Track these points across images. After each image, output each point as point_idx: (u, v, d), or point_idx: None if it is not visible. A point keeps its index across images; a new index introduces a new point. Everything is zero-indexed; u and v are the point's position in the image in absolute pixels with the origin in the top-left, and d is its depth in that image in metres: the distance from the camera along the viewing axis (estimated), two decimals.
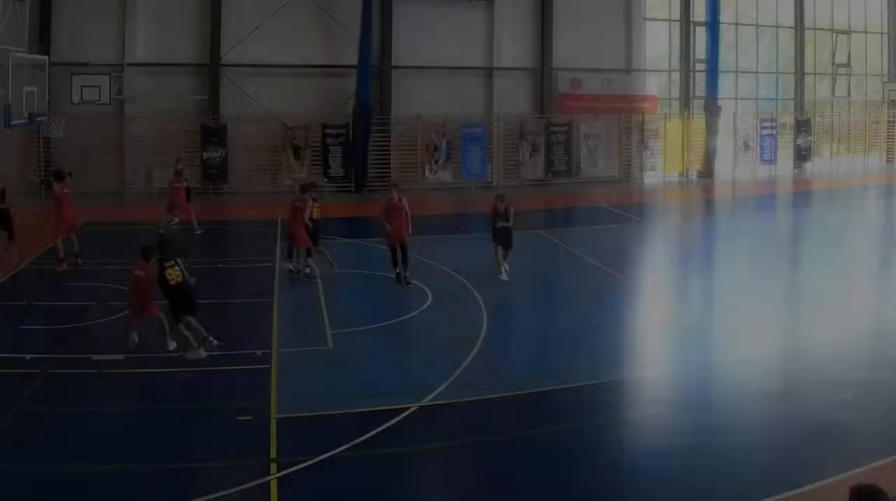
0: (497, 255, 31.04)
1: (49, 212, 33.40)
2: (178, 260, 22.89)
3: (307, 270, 30.93)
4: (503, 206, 31.08)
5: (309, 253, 31.00)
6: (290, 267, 31.69)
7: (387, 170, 56.25)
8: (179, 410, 19.68)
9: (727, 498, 15.27)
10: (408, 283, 30.00)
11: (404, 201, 30.79)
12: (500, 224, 30.96)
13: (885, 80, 72.56)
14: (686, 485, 15.59)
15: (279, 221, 37.71)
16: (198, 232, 39.07)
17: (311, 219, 31.27)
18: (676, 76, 65.96)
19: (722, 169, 64.32)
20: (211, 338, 22.56)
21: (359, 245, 35.84)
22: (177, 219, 36.90)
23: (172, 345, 22.70)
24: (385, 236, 30.94)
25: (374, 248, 32.92)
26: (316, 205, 31.82)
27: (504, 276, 30.70)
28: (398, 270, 30.40)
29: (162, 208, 37.80)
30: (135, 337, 23.21)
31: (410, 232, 30.72)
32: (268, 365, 21.53)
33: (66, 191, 33.01)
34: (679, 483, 15.67)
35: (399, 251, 30.34)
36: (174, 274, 22.38)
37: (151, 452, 16.93)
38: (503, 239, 31.05)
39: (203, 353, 22.19)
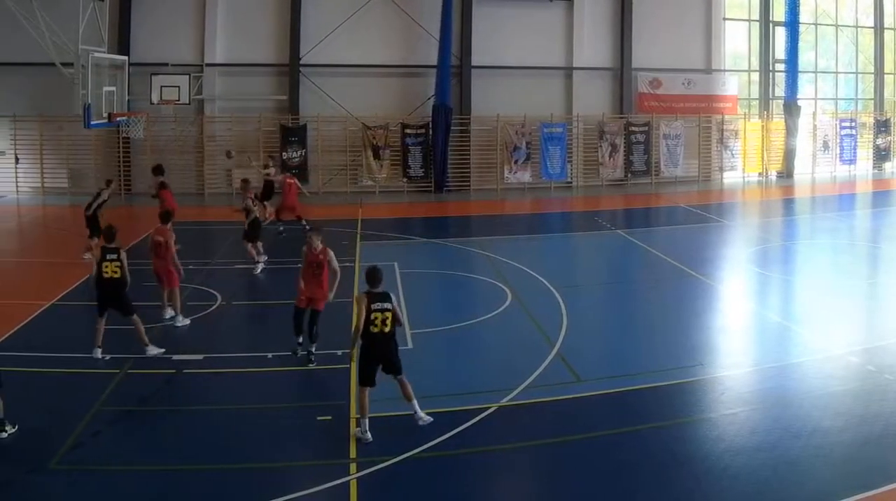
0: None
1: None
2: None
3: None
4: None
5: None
6: None
7: (466, 171, 54.48)
8: (259, 410, 18.79)
9: (803, 498, 14.67)
10: (311, 361, 21.47)
11: (329, 253, 21.81)
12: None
13: None
14: (763, 484, 14.97)
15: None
16: (281, 230, 37.25)
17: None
18: (756, 76, 62.65)
19: (801, 169, 61.62)
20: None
21: (438, 244, 33.68)
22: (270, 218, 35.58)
23: (175, 319, 24.09)
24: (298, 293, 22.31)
25: (452, 248, 31.52)
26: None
27: None
28: (300, 341, 21.96)
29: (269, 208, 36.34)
30: (170, 313, 24.41)
31: (331, 295, 21.86)
32: (348, 366, 20.00)
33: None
34: (756, 482, 15.04)
35: (308, 316, 21.78)
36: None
37: (230, 452, 16.49)
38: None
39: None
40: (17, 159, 50.58)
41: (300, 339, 21.94)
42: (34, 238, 40.83)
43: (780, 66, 61.32)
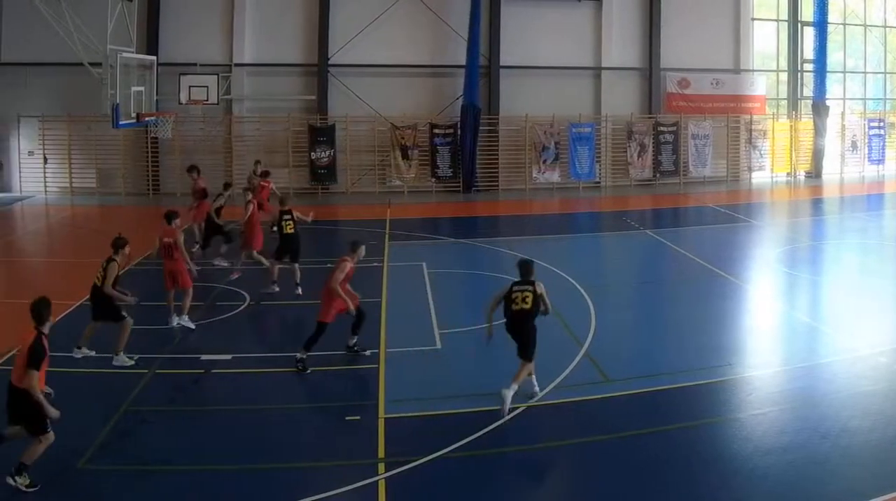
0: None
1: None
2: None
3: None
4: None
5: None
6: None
7: (495, 171, 53.54)
8: (287, 410, 18.71)
9: (831, 498, 14.48)
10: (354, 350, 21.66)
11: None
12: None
13: None
14: (791, 484, 14.80)
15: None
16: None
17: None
18: (784, 76, 61.28)
19: (829, 169, 60.20)
20: None
21: (466, 245, 33.04)
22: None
23: (182, 318, 23.53)
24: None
25: (481, 248, 31.02)
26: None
27: None
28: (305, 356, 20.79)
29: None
30: (183, 319, 23.52)
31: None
32: (376, 365, 20.72)
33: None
34: (784, 483, 14.87)
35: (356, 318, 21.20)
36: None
37: (258, 452, 16.24)
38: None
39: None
40: (45, 159, 50.07)
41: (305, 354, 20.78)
42: (63, 238, 40.43)
43: (809, 66, 59.96)
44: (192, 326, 23.70)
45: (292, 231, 27.48)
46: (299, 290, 27.07)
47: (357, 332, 21.42)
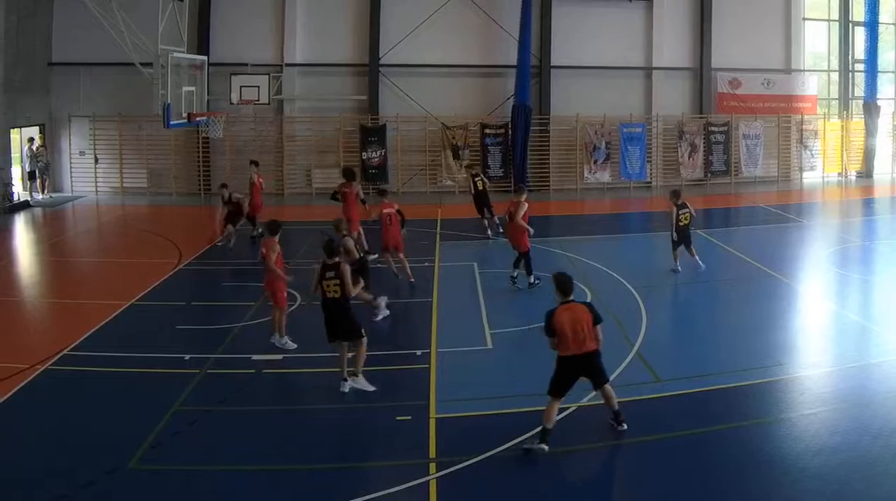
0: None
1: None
2: None
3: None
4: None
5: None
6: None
7: (546, 171, 51.82)
8: (338, 410, 18.41)
9: (882, 498, 14.23)
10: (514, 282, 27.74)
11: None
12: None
13: None
14: (842, 484, 14.57)
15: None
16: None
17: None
18: (835, 76, 58.89)
19: (881, 169, 58.22)
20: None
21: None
22: None
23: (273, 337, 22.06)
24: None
25: (532, 248, 29.24)
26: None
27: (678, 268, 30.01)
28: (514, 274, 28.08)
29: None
30: (286, 342, 22.00)
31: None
32: (427, 365, 20.55)
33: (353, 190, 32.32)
34: (835, 482, 14.66)
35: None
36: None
37: (309, 452, 16.21)
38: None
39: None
40: (96, 159, 49.14)
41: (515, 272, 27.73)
42: (113, 238, 39.63)
43: (860, 66, 57.74)
44: (290, 345, 22.21)
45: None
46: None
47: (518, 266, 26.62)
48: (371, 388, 18.84)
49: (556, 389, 16.10)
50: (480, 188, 37.97)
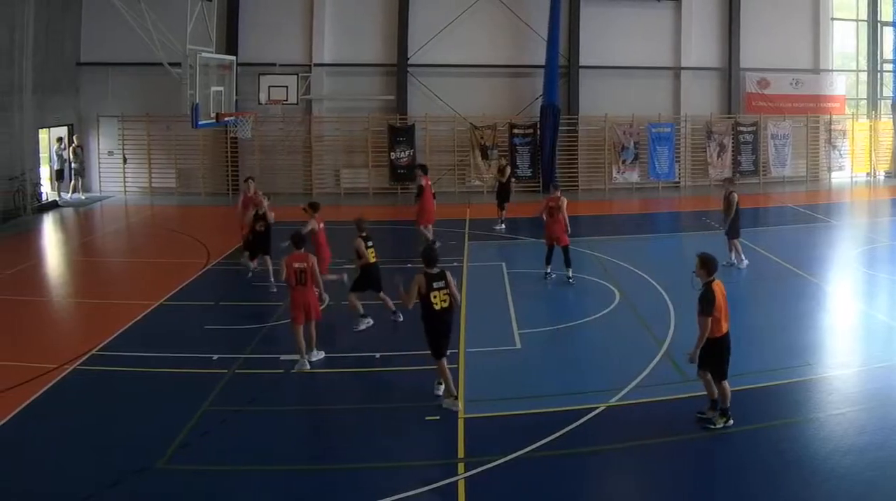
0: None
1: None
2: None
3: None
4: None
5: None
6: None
7: (574, 171, 50.87)
8: (367, 410, 18.28)
9: None
10: (570, 281, 28.33)
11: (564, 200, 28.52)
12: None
13: None
14: (870, 484, 14.44)
15: None
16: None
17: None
18: (864, 76, 57.88)
19: None
20: None
21: (545, 244, 31.43)
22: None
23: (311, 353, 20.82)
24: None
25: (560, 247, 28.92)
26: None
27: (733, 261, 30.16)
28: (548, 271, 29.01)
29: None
30: (311, 357, 20.81)
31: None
32: (455, 365, 20.07)
33: (428, 183, 33.44)
34: (864, 483, 14.52)
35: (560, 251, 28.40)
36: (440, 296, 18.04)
37: (337, 452, 16.31)
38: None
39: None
40: (124, 159, 48.54)
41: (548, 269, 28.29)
42: (142, 238, 39.33)
43: (889, 66, 56.71)
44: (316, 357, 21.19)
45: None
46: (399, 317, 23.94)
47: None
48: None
49: (724, 370, 16.66)
50: (504, 181, 38.77)
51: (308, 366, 20.18)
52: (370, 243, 23.42)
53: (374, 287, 23.62)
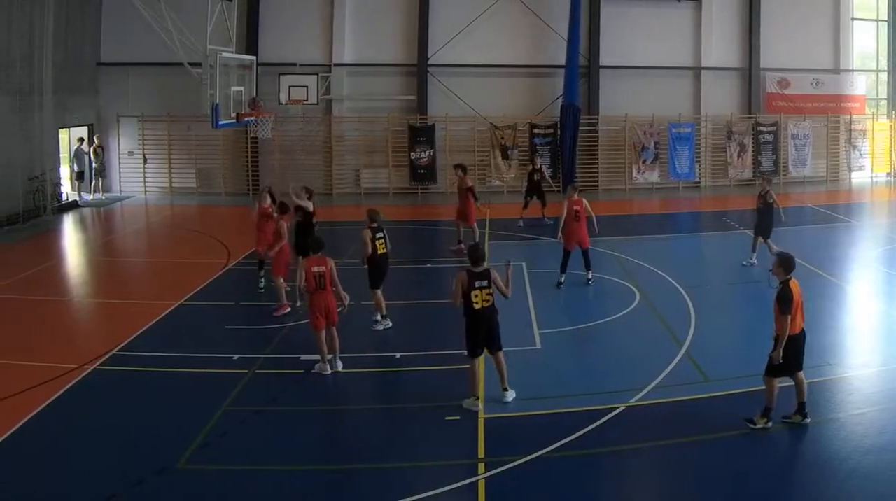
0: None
1: None
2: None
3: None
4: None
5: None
6: None
7: (594, 171, 50.32)
8: (387, 410, 18.47)
9: None
10: (589, 282, 28.09)
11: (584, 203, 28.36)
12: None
13: None
14: (891, 484, 14.34)
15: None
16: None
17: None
18: (884, 76, 56.95)
19: None
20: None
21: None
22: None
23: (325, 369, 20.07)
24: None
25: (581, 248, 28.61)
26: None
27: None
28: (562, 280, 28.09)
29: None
30: (333, 364, 20.21)
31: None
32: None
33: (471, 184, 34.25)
34: (885, 482, 14.41)
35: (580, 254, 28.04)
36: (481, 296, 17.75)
37: (358, 452, 16.15)
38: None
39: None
40: (144, 159, 48.18)
41: (563, 278, 27.49)
42: (162, 238, 39.19)
43: None
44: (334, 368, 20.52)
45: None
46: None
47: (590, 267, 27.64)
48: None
49: (800, 362, 16.57)
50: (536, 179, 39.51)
51: (329, 371, 19.74)
52: (380, 235, 23.20)
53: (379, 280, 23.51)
